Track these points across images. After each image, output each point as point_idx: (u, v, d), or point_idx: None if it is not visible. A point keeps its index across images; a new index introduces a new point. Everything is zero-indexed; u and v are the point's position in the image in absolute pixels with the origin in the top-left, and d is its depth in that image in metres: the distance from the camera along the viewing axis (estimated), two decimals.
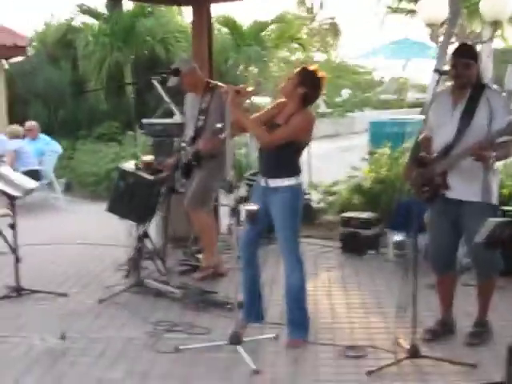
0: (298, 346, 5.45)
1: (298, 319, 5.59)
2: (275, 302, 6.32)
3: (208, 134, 7.13)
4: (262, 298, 5.88)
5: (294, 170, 5.51)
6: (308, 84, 5.44)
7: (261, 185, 5.57)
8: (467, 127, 5.10)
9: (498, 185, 5.35)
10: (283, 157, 5.42)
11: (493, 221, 4.70)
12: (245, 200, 6.21)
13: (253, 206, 5.24)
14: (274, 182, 5.46)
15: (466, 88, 5.21)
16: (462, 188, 5.18)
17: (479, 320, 5.59)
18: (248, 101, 6.02)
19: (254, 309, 5.77)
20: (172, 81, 7.34)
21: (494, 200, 5.28)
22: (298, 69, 5.54)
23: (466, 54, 5.17)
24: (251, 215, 5.17)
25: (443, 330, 5.63)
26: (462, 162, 5.09)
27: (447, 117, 5.24)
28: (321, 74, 5.50)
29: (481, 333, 5.52)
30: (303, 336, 5.56)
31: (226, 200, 6.93)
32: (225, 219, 7.95)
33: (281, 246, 5.58)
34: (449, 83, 5.47)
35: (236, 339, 5.27)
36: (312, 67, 5.55)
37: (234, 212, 5.28)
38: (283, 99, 5.57)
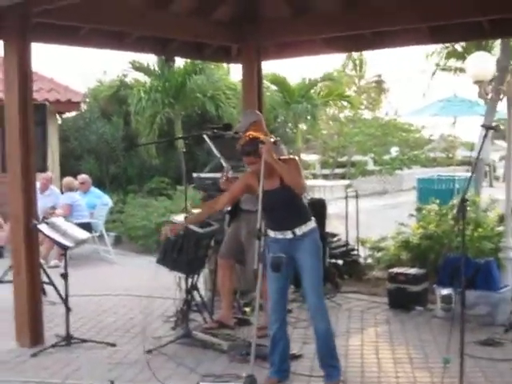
0: None
1: (331, 362, 5.68)
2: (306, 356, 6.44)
3: None
4: (289, 359, 5.91)
5: (310, 214, 5.75)
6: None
7: (286, 238, 5.62)
8: None
9: None
10: (298, 205, 5.66)
11: None
12: None
13: (279, 254, 5.33)
14: (301, 230, 5.60)
15: None
16: None
17: None
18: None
19: (283, 367, 5.83)
20: (239, 127, 7.24)
21: None
22: (249, 142, 5.58)
23: None
24: (277, 263, 5.24)
25: None
26: None
27: None
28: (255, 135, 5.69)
29: None
30: (337, 377, 5.66)
31: None
32: None
33: (308, 292, 5.65)
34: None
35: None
36: (252, 135, 5.67)
37: (260, 258, 5.31)
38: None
